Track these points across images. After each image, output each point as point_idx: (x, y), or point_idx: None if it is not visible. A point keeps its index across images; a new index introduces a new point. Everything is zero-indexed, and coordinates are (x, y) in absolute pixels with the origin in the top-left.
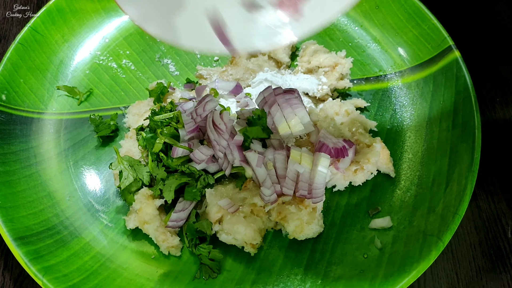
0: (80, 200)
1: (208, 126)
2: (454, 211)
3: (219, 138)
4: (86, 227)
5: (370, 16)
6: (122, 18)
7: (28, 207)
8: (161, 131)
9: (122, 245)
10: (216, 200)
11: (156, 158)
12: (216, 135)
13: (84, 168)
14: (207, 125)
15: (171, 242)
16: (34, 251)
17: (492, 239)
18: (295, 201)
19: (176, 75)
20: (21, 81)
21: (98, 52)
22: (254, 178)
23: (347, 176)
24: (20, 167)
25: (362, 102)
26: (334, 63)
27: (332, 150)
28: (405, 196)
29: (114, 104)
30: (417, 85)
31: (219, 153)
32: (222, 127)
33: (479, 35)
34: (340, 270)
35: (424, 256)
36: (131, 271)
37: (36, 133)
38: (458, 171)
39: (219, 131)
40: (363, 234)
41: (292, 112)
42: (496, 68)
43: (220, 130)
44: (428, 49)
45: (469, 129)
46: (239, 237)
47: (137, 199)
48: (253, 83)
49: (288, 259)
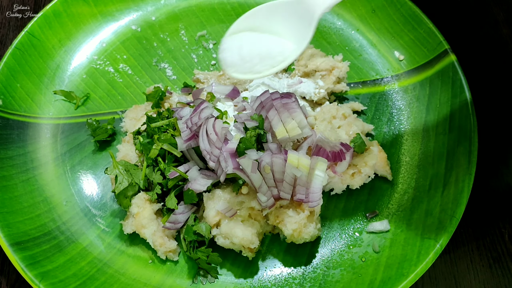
0: (77, 205)
1: (200, 135)
2: (451, 214)
3: (211, 147)
4: (83, 232)
5: (366, 20)
6: (119, 23)
7: (24, 212)
8: (158, 137)
9: (119, 250)
10: (214, 204)
11: (152, 162)
12: (207, 145)
13: (81, 173)
14: (199, 135)
15: (169, 247)
16: (31, 256)
17: (489, 242)
18: (292, 205)
19: (173, 79)
20: (17, 86)
21: (95, 57)
22: (249, 184)
23: (344, 180)
24: (17, 172)
25: (359, 106)
26: (331, 66)
27: (329, 153)
28: (402, 199)
29: (111, 108)
30: (414, 88)
31: (212, 163)
32: (213, 138)
33: (475, 38)
34: (338, 274)
35: (422, 259)
36: (128, 276)
37: (33, 138)
38: (455, 174)
39: (211, 141)
40: (361, 237)
41: (290, 116)
42: (492, 71)
43: (211, 140)
44: (424, 52)
45: (465, 132)
46: (237, 241)
47: (134, 204)
48: (250, 87)
49: (286, 263)
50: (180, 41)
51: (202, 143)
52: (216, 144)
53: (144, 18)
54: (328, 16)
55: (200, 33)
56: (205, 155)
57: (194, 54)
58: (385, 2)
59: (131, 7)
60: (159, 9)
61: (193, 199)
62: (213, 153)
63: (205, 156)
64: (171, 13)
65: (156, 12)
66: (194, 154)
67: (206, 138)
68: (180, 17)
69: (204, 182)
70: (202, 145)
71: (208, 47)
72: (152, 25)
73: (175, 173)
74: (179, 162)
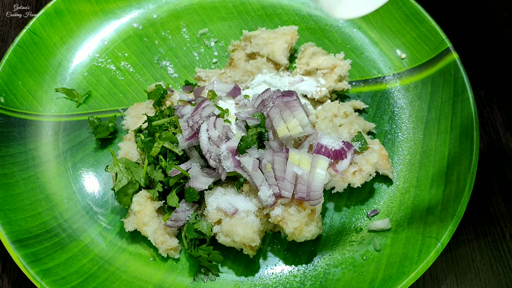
0: (78, 203)
1: (201, 134)
2: (452, 212)
3: (212, 146)
4: (85, 230)
5: (368, 18)
6: (121, 21)
7: (26, 210)
8: (159, 135)
9: (121, 247)
10: (215, 202)
11: (153, 160)
12: (208, 144)
13: (83, 171)
14: (200, 133)
15: (170, 244)
16: (32, 253)
17: (491, 241)
18: (294, 203)
19: (174, 77)
20: (19, 84)
21: (96, 55)
22: (250, 182)
23: (345, 178)
24: (18, 170)
25: (360, 104)
26: (333, 65)
27: (330, 152)
28: (403, 198)
29: (112, 106)
30: (416, 87)
31: (212, 161)
32: (214, 136)
33: (477, 37)
34: (339, 272)
35: (423, 258)
36: (130, 273)
37: (35, 136)
38: (456, 173)
39: (212, 140)
40: (362, 236)
41: (291, 114)
42: (493, 70)
43: (212, 139)
44: (426, 51)
45: (467, 131)
46: (238, 239)
47: (136, 201)
48: (251, 85)
49: (287, 261)
50: (181, 39)
51: (202, 142)
52: (216, 142)
53: (146, 16)
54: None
55: (202, 31)
56: (206, 153)
57: (195, 52)
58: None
59: (132, 4)
60: (161, 6)
61: (194, 197)
62: (214, 152)
63: (206, 154)
64: (173, 11)
65: (157, 10)
66: (195, 152)
67: (206, 137)
68: (181, 15)
69: (206, 181)
70: (202, 144)
71: (209, 45)
72: (154, 23)
73: (176, 171)
74: (180, 160)
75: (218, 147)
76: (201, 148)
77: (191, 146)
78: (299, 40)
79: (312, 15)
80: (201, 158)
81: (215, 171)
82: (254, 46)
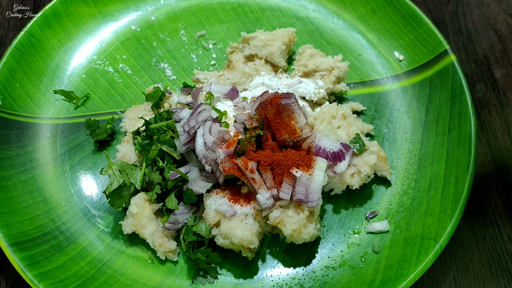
0: (76, 205)
1: (196, 140)
2: (451, 214)
3: (208, 151)
4: (83, 233)
5: (366, 21)
6: (119, 23)
7: (24, 213)
8: (157, 138)
9: (119, 250)
10: (213, 204)
11: (151, 163)
12: (204, 150)
13: (81, 173)
14: (196, 139)
15: (168, 247)
16: (30, 257)
17: (489, 243)
18: (292, 205)
19: (173, 79)
20: (17, 86)
21: (94, 57)
22: (249, 185)
23: (344, 180)
24: (16, 172)
25: (358, 106)
26: (331, 67)
27: (329, 154)
28: (402, 200)
29: (110, 108)
30: (413, 88)
31: (208, 166)
32: (209, 142)
33: (474, 38)
34: (338, 274)
35: (421, 260)
36: (128, 276)
37: (32, 138)
38: (454, 175)
39: (207, 145)
40: (361, 238)
41: (289, 116)
42: (491, 72)
43: (207, 144)
44: (424, 53)
45: (465, 133)
46: (237, 241)
47: (134, 204)
48: (250, 87)
49: (285, 263)
50: (179, 41)
51: (198, 148)
52: (212, 148)
53: (144, 18)
54: (328, 16)
55: (200, 33)
56: (201, 159)
57: (193, 54)
58: (385, 3)
59: (130, 7)
60: (159, 9)
61: (192, 199)
62: (210, 157)
63: (201, 160)
64: (171, 13)
65: (155, 12)
66: (193, 156)
67: (202, 143)
68: (179, 17)
69: (204, 185)
70: (198, 150)
71: (207, 47)
72: (152, 25)
73: (175, 174)
74: (178, 163)
75: (214, 152)
76: (197, 153)
77: (189, 150)
78: (297, 42)
79: (310, 17)
80: (200, 162)
81: (213, 174)
82: (252, 48)
